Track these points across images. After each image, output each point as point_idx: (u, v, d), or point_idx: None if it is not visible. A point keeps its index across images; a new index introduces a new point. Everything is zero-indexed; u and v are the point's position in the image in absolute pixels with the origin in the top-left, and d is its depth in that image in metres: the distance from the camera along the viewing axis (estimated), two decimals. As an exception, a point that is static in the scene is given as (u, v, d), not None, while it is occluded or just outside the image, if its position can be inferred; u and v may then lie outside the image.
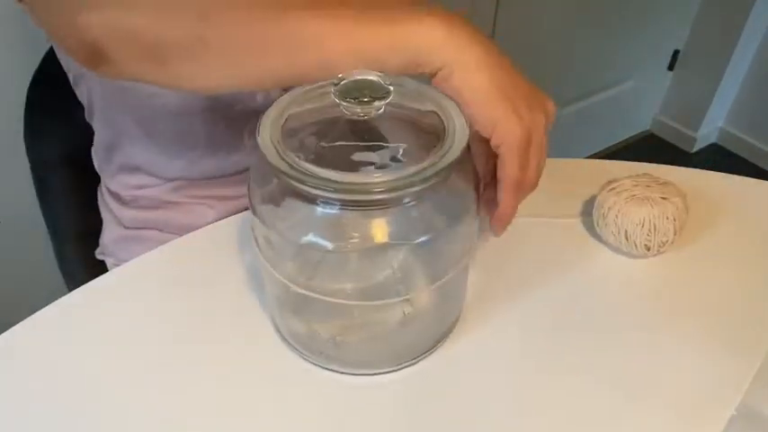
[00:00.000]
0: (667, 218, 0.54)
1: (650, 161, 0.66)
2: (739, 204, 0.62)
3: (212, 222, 0.71)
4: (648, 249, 0.55)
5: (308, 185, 0.36)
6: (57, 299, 0.52)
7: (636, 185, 0.56)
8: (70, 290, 0.52)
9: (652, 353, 0.48)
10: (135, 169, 0.70)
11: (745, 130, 1.97)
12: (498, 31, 1.49)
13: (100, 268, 0.76)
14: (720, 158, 1.99)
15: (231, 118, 0.65)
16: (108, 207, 0.75)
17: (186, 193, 0.70)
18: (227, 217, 0.72)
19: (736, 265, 0.56)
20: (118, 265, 0.59)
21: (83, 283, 0.53)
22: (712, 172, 0.66)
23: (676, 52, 1.93)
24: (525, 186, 0.44)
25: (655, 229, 0.54)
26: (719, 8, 1.78)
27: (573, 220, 0.60)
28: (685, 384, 0.46)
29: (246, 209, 0.46)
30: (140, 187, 0.71)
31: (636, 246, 0.55)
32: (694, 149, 2.01)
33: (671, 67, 1.96)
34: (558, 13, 1.58)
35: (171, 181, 0.69)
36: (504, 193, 0.43)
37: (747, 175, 0.65)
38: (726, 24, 1.77)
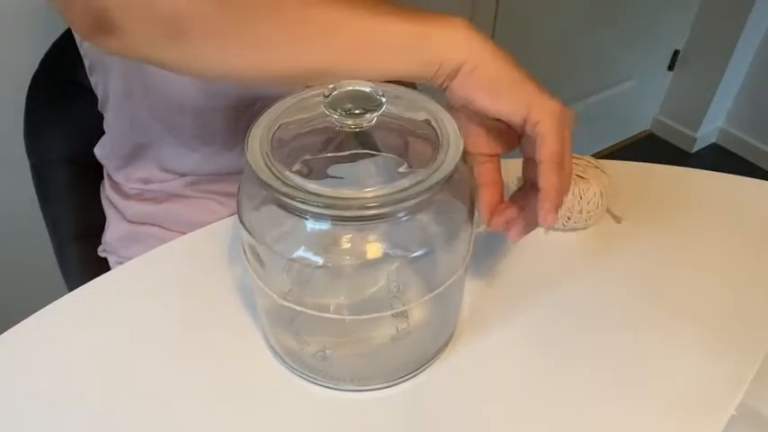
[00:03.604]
0: (572, 193, 0.55)
1: (650, 161, 0.66)
2: (739, 204, 0.62)
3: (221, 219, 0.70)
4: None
5: (298, 200, 0.35)
6: (57, 299, 0.52)
7: None
8: (70, 290, 0.52)
9: (652, 354, 0.48)
10: (146, 160, 0.69)
11: (745, 130, 1.96)
12: (498, 30, 1.49)
13: (100, 268, 0.76)
14: (720, 158, 1.99)
15: (253, 116, 0.65)
16: (111, 202, 0.74)
17: (196, 187, 0.70)
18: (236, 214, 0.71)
19: (737, 265, 0.56)
20: (120, 263, 0.59)
21: (83, 283, 0.53)
22: (712, 172, 0.66)
23: (676, 52, 1.93)
24: (565, 172, 0.42)
25: None
26: (719, 8, 1.77)
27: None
28: (685, 384, 0.46)
29: None
30: (147, 182, 0.71)
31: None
32: (694, 149, 2.01)
33: (671, 67, 1.96)
34: (558, 13, 1.58)
35: (182, 176, 0.69)
36: (551, 172, 0.41)
37: (747, 175, 0.65)
38: (726, 24, 1.77)
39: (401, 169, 0.38)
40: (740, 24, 1.73)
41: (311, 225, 0.38)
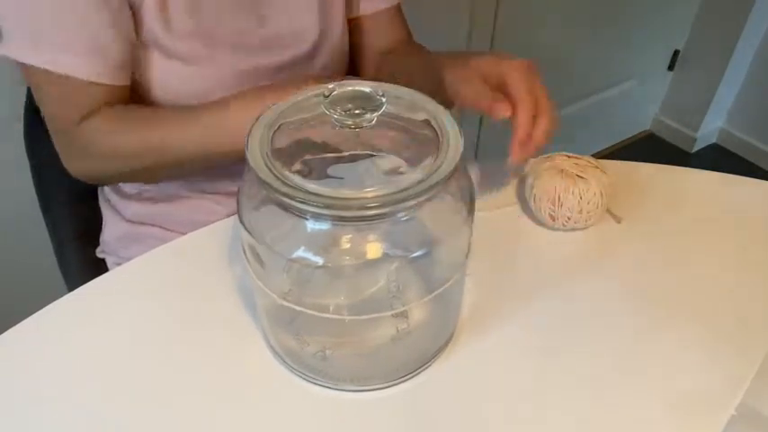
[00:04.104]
0: (572, 193, 0.55)
1: (650, 161, 0.66)
2: (739, 204, 0.62)
3: (220, 219, 0.70)
4: (553, 220, 0.57)
5: (297, 200, 0.35)
6: (57, 299, 0.52)
7: (564, 161, 0.58)
8: (70, 290, 0.52)
9: (652, 354, 0.48)
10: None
11: (745, 130, 1.96)
12: (498, 31, 1.49)
13: (100, 268, 0.76)
14: (720, 158, 1.99)
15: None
16: (109, 202, 0.74)
17: (195, 186, 0.70)
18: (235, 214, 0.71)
19: (737, 265, 0.56)
20: (118, 264, 0.59)
21: (83, 283, 0.53)
22: (712, 172, 0.66)
23: (676, 52, 1.93)
24: (540, 112, 0.51)
25: (559, 200, 0.56)
26: (719, 8, 1.77)
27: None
28: (685, 384, 0.46)
29: None
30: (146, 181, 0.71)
31: (541, 210, 0.57)
32: (694, 149, 2.01)
33: (671, 67, 1.96)
34: (558, 13, 1.58)
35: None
36: (521, 111, 0.50)
37: (747, 175, 0.65)
38: (726, 24, 1.77)
39: (401, 169, 0.38)
40: (740, 24, 1.73)
41: (311, 225, 0.38)
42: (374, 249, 0.42)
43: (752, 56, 1.84)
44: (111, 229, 0.74)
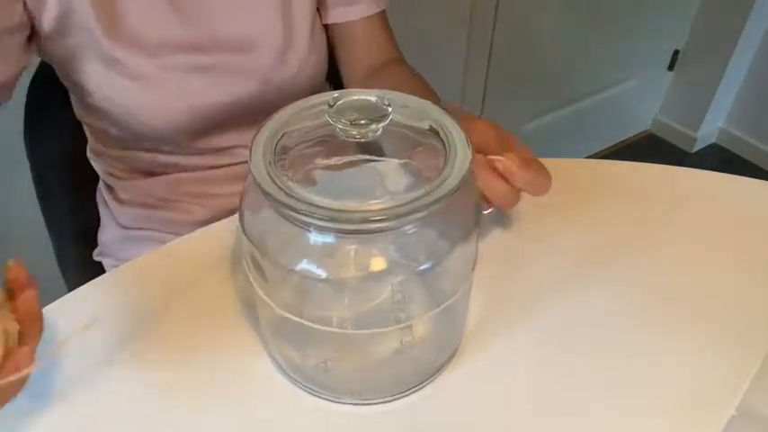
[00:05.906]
0: None
1: (650, 161, 0.66)
2: (739, 204, 0.62)
3: (203, 219, 0.70)
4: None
5: (301, 213, 0.34)
6: (57, 299, 0.52)
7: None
8: (70, 290, 0.52)
9: (652, 354, 0.48)
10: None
11: (745, 130, 1.97)
12: (498, 30, 1.49)
13: (99, 268, 0.76)
14: (720, 158, 1.99)
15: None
16: (107, 205, 0.75)
17: (180, 189, 0.70)
18: (216, 214, 0.71)
19: (737, 265, 0.56)
20: (116, 266, 0.59)
21: (83, 284, 0.53)
22: (712, 172, 0.66)
23: (676, 52, 1.93)
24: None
25: None
26: (719, 8, 1.78)
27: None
28: (685, 384, 0.46)
29: (236, 209, 0.43)
30: (131, 178, 0.71)
31: None
32: (694, 149, 2.01)
33: (671, 67, 1.96)
34: (558, 13, 1.58)
35: (164, 142, 0.69)
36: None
37: (747, 175, 0.65)
38: (726, 24, 1.77)
39: (407, 180, 0.37)
40: (740, 24, 1.73)
41: (315, 237, 0.37)
42: (379, 262, 0.40)
43: (752, 56, 1.84)
44: (109, 232, 0.74)
